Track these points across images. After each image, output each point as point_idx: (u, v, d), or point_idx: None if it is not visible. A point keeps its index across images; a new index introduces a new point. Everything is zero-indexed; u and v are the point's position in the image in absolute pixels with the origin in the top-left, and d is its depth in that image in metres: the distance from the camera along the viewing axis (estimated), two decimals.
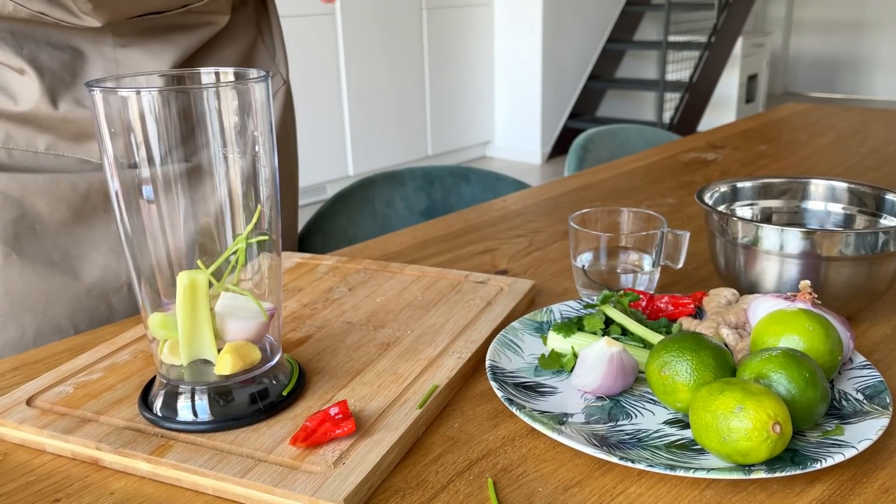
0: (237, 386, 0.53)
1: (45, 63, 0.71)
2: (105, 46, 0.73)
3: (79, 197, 0.74)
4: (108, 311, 0.77)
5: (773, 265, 0.67)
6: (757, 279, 0.68)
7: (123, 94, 0.47)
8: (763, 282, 0.68)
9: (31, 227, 0.72)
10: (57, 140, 0.73)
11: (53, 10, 0.68)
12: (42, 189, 0.72)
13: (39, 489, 0.48)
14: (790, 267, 0.66)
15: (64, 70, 0.72)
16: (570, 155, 1.54)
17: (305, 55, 3.61)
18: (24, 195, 0.72)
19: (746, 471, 0.46)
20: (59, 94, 0.72)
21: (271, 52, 0.89)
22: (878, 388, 0.54)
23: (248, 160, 0.51)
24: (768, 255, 0.66)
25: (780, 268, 0.66)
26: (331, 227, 1.19)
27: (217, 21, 0.79)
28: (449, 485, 0.48)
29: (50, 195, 0.72)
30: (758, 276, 0.68)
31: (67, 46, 0.72)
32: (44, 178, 0.72)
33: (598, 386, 0.55)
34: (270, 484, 0.46)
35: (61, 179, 0.73)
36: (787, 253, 0.66)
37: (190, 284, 0.49)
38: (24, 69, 0.70)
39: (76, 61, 0.73)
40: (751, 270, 0.68)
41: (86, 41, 0.73)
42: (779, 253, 0.66)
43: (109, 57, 0.74)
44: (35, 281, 0.73)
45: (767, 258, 0.67)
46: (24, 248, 0.72)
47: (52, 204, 0.73)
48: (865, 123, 1.62)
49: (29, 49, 0.70)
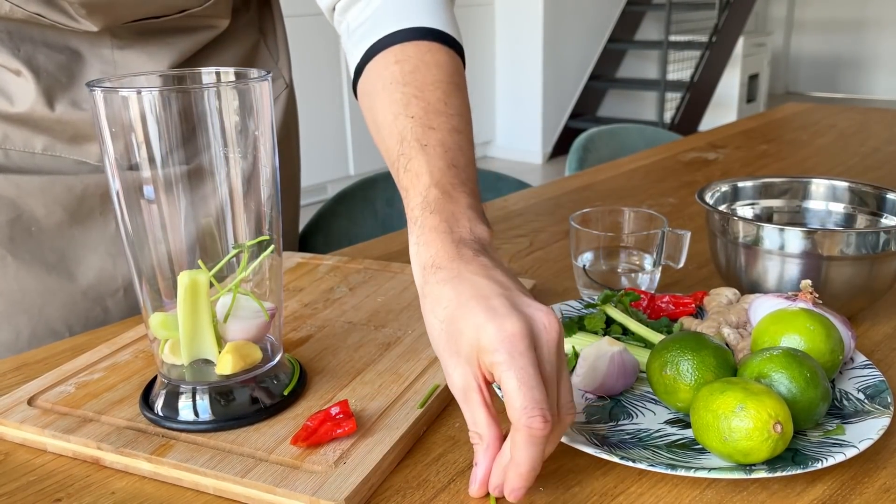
0: (238, 386, 0.53)
1: (42, 64, 0.71)
2: (103, 48, 0.73)
3: (75, 199, 0.73)
4: (104, 313, 0.76)
5: (774, 265, 0.66)
6: (758, 279, 0.68)
7: (124, 93, 0.47)
8: (764, 281, 0.68)
9: (26, 228, 0.72)
10: (54, 141, 0.73)
11: (50, 12, 0.68)
12: (38, 190, 0.72)
13: (41, 489, 0.48)
14: (791, 266, 0.66)
15: (61, 72, 0.72)
16: (570, 155, 1.54)
17: (307, 55, 3.61)
18: (20, 196, 0.71)
19: (747, 470, 0.46)
20: (55, 95, 0.71)
21: (274, 55, 0.88)
22: (880, 388, 0.54)
23: (248, 160, 0.51)
24: (769, 255, 0.66)
25: (780, 267, 0.66)
26: (332, 227, 1.19)
27: (217, 24, 0.79)
28: (450, 484, 0.48)
29: (46, 197, 0.72)
30: (759, 275, 0.68)
31: (65, 48, 0.72)
32: (40, 180, 0.72)
33: (599, 385, 0.55)
34: (271, 483, 0.46)
35: (57, 181, 0.72)
36: (788, 252, 0.65)
37: (191, 284, 0.49)
38: (21, 70, 0.70)
39: (73, 63, 0.72)
40: (751, 270, 0.68)
41: (83, 43, 0.72)
42: (780, 252, 0.66)
43: (107, 59, 0.73)
44: (30, 283, 0.73)
45: (768, 258, 0.67)
46: (19, 249, 0.72)
47: (48, 206, 0.72)
48: (867, 123, 1.62)
49: (25, 50, 0.70)
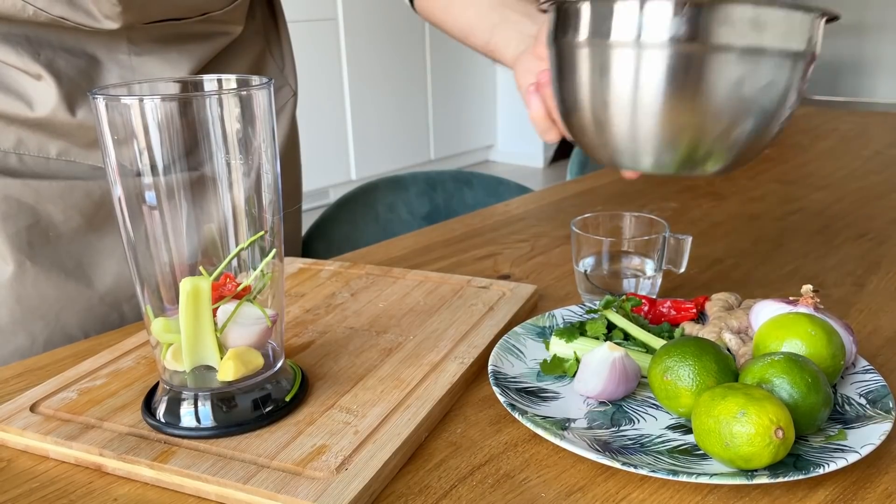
0: (240, 392, 0.53)
1: (63, 69, 0.70)
2: (120, 54, 0.73)
3: (93, 204, 0.73)
4: (120, 318, 0.77)
5: (625, 68, 0.46)
6: (603, 98, 0.48)
7: (126, 101, 0.47)
8: (610, 100, 0.48)
9: (44, 234, 0.72)
10: (70, 146, 0.73)
11: (74, 13, 0.67)
12: (56, 196, 0.72)
13: (43, 495, 0.48)
14: (651, 69, 0.46)
15: (81, 76, 0.72)
16: (572, 159, 1.54)
17: (308, 60, 3.62)
18: (39, 202, 0.71)
19: (749, 476, 0.46)
20: (76, 100, 0.71)
21: (279, 64, 0.89)
22: (881, 393, 0.54)
23: (250, 166, 0.51)
24: (621, 50, 0.46)
25: (635, 72, 0.46)
26: (333, 233, 1.19)
27: (232, 31, 0.79)
28: (451, 490, 0.48)
29: (64, 202, 0.72)
30: (603, 93, 0.48)
31: (83, 53, 0.72)
32: (58, 185, 0.72)
33: (600, 391, 0.55)
34: (273, 490, 0.46)
35: (76, 186, 0.72)
36: (647, 42, 0.46)
37: (193, 291, 0.49)
38: (42, 74, 0.69)
39: (92, 68, 0.72)
40: (594, 87, 0.49)
41: (100, 48, 0.72)
42: (636, 43, 0.46)
43: (125, 64, 0.73)
44: (48, 289, 0.72)
45: (620, 56, 0.46)
46: (37, 255, 0.72)
47: (66, 211, 0.72)
48: (868, 126, 1.62)
49: (45, 55, 0.70)
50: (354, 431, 0.51)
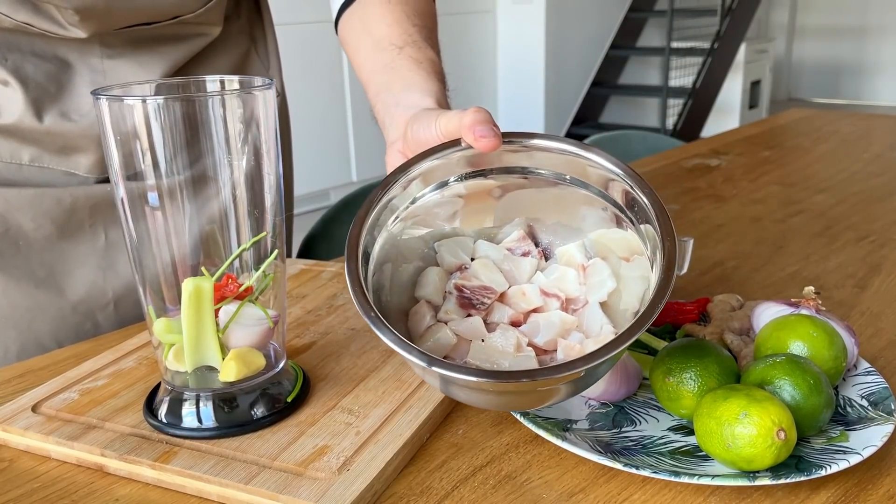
0: (242, 392, 0.53)
1: (30, 74, 0.69)
2: (92, 58, 0.71)
3: (64, 211, 0.72)
4: (94, 328, 0.75)
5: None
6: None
7: (129, 102, 0.47)
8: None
9: (14, 243, 0.70)
10: (41, 153, 0.71)
11: (40, 20, 0.66)
12: (26, 204, 0.70)
13: (45, 496, 0.48)
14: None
15: (49, 82, 0.70)
16: None
17: (309, 61, 3.62)
18: (8, 210, 0.70)
19: (751, 477, 0.45)
20: (43, 106, 0.70)
21: (265, 63, 0.87)
22: (883, 395, 0.54)
23: (252, 167, 0.51)
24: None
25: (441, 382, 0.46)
26: (335, 234, 1.19)
27: (209, 32, 0.77)
28: (453, 491, 0.48)
29: (34, 210, 0.70)
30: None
31: (53, 57, 0.70)
32: (28, 193, 0.70)
33: (602, 392, 0.55)
34: (275, 490, 0.46)
35: (46, 194, 0.71)
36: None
37: (195, 291, 0.49)
38: (8, 81, 0.68)
39: (62, 73, 0.71)
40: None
41: (72, 52, 0.71)
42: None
43: (97, 68, 0.72)
44: (19, 298, 0.71)
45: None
46: (7, 265, 0.70)
47: (36, 219, 0.71)
48: (869, 129, 1.62)
49: (13, 60, 0.68)
50: (356, 432, 0.51)
